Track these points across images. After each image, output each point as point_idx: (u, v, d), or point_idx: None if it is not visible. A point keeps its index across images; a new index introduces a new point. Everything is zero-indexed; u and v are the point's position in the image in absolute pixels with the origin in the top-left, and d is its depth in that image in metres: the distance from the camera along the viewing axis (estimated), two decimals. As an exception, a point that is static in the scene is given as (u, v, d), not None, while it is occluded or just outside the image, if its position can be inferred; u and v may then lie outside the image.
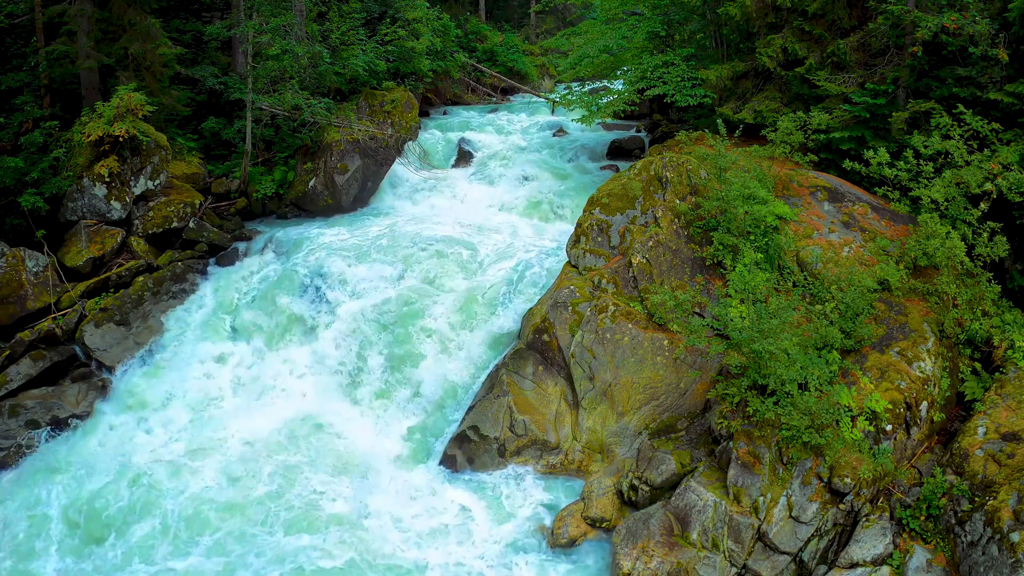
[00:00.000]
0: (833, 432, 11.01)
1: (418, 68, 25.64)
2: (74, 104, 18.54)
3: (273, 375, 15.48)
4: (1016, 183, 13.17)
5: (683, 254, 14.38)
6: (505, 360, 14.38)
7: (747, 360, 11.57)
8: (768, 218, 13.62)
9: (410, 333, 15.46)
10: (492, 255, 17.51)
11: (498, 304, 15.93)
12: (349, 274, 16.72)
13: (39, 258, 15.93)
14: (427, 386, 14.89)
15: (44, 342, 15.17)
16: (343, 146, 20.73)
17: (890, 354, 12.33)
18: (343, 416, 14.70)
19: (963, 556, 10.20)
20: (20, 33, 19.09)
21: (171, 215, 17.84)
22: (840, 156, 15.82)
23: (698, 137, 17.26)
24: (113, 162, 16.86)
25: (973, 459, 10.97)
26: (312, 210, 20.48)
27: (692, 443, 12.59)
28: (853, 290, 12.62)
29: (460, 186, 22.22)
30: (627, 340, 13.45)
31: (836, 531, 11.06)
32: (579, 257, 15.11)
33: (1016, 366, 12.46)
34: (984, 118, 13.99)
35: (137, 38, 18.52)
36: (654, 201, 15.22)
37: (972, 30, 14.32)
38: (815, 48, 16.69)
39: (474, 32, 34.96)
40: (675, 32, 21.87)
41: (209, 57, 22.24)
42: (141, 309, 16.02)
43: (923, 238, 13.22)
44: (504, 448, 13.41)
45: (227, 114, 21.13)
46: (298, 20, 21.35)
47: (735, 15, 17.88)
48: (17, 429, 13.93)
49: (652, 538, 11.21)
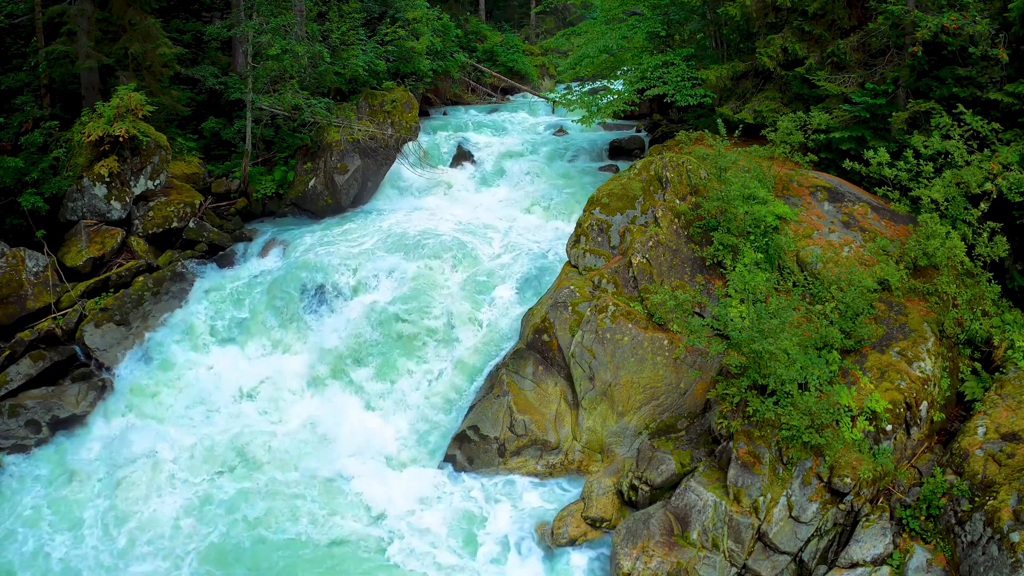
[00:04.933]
0: (833, 432, 11.01)
1: (418, 68, 25.64)
2: (74, 104, 18.54)
3: (272, 373, 15.46)
4: (1016, 183, 13.16)
5: (683, 254, 14.38)
6: (505, 360, 14.38)
7: (747, 360, 11.58)
8: (768, 218, 13.62)
9: (410, 332, 15.47)
10: (492, 255, 17.52)
11: (498, 303, 15.93)
12: (349, 273, 16.72)
13: (39, 258, 15.93)
14: (427, 385, 14.89)
15: (44, 342, 15.17)
16: (343, 146, 20.72)
17: (890, 354, 12.33)
18: (343, 415, 14.69)
19: (963, 556, 10.20)
20: (20, 33, 19.09)
21: (171, 215, 17.84)
22: (840, 156, 15.82)
23: (698, 137, 17.26)
24: (113, 162, 16.87)
25: (973, 459, 10.97)
26: (312, 210, 20.48)
27: (692, 443, 12.59)
28: (853, 290, 12.62)
29: (460, 186, 22.23)
30: (627, 340, 13.45)
31: (836, 531, 11.06)
32: (579, 257, 15.11)
33: (1016, 366, 12.45)
34: (984, 118, 13.98)
35: (137, 38, 18.53)
36: (654, 201, 15.22)
37: (972, 30, 14.32)
38: (815, 48, 16.68)
39: (474, 32, 34.95)
40: (675, 32, 21.87)
41: (209, 57, 22.24)
42: (141, 309, 16.02)
43: (923, 238, 13.21)
44: (504, 448, 13.41)
45: (227, 114, 21.13)
46: (298, 20, 21.35)
47: (735, 15, 17.88)
48: (17, 429, 13.94)
49: (652, 538, 11.21)
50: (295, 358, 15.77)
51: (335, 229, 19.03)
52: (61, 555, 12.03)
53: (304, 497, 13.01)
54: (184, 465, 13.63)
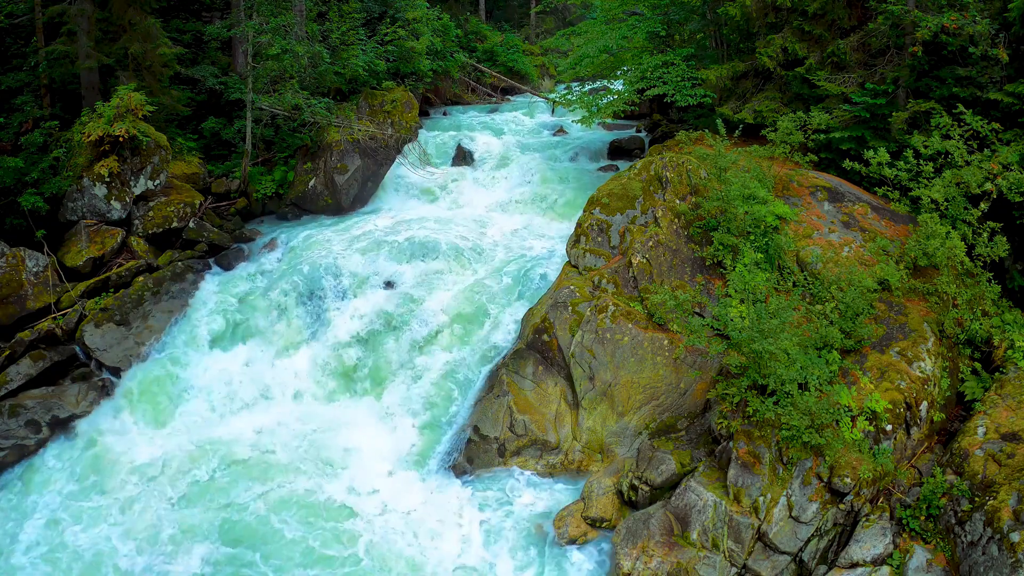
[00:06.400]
0: (833, 432, 11.01)
1: (418, 68, 25.65)
2: (74, 104, 18.54)
3: (273, 375, 15.46)
4: (1016, 183, 13.16)
5: (683, 254, 14.38)
6: (505, 360, 14.38)
7: (747, 360, 11.58)
8: (768, 218, 13.62)
9: (410, 332, 15.47)
10: (491, 254, 17.52)
11: (498, 303, 15.93)
12: (349, 273, 16.73)
13: (39, 258, 15.93)
14: (427, 385, 14.89)
15: (44, 342, 15.17)
16: (343, 146, 20.73)
17: (890, 354, 12.33)
18: (343, 415, 14.69)
19: (963, 556, 10.20)
20: (20, 33, 19.10)
21: (171, 215, 17.84)
22: (840, 156, 15.82)
23: (698, 137, 17.27)
24: (113, 162, 16.87)
25: (973, 459, 10.97)
26: (312, 210, 20.48)
27: (692, 443, 12.59)
28: (853, 290, 12.62)
29: (460, 186, 22.22)
30: (627, 340, 13.45)
31: (836, 531, 11.06)
32: (579, 257, 15.11)
33: (1016, 366, 12.46)
34: (984, 118, 13.98)
35: (137, 38, 18.53)
36: (654, 201, 15.22)
37: (972, 30, 14.32)
38: (815, 48, 16.69)
39: (474, 32, 34.96)
40: (675, 32, 21.88)
41: (209, 57, 22.25)
42: (141, 309, 16.01)
43: (923, 238, 13.21)
44: (504, 448, 13.41)
45: (227, 114, 21.14)
46: (298, 20, 21.37)
47: (735, 15, 17.89)
48: (17, 429, 13.94)
49: (652, 538, 11.21)
50: (295, 359, 15.76)
51: (335, 229, 19.02)
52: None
53: (299, 498, 13.02)
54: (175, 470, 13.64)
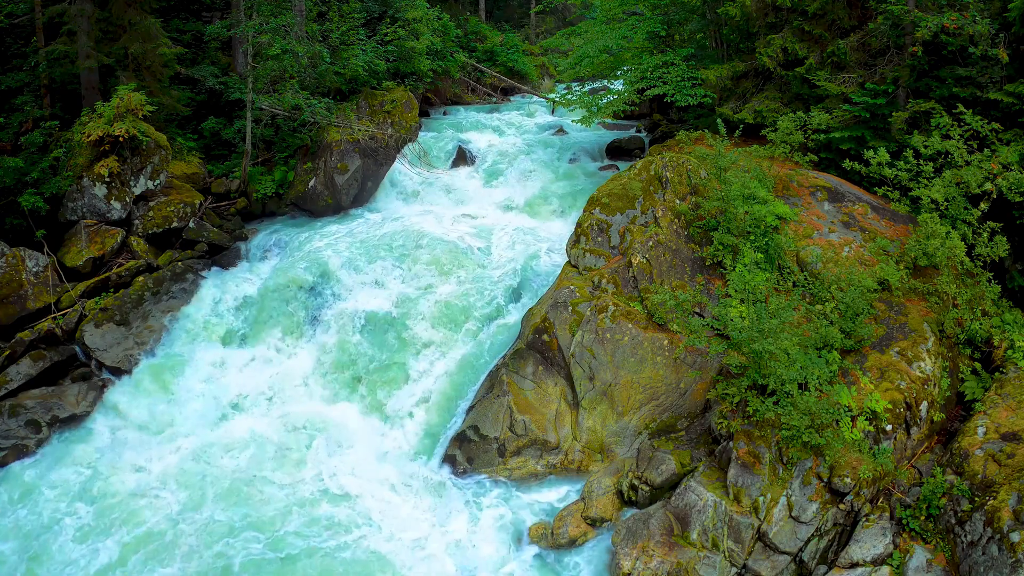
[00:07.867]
0: (833, 432, 11.01)
1: (418, 68, 25.65)
2: (74, 104, 18.53)
3: (273, 375, 15.46)
4: (1016, 183, 13.17)
5: (683, 254, 14.38)
6: (505, 360, 14.38)
7: (747, 360, 11.58)
8: (768, 218, 13.62)
9: (409, 332, 15.47)
10: (491, 254, 17.53)
11: (498, 303, 15.93)
12: (349, 273, 16.72)
13: (39, 258, 15.93)
14: (427, 385, 14.89)
15: (44, 342, 15.18)
16: (343, 146, 20.72)
17: (890, 354, 12.33)
18: (343, 415, 14.69)
19: (963, 556, 10.20)
20: (20, 33, 19.09)
21: (171, 215, 17.84)
22: (840, 156, 15.82)
23: (698, 137, 17.27)
24: (113, 162, 16.86)
25: (973, 459, 10.97)
26: (312, 210, 20.48)
27: (692, 443, 12.59)
28: (853, 290, 12.62)
29: (460, 186, 22.22)
30: (627, 340, 13.45)
31: (836, 531, 11.06)
32: (579, 257, 15.11)
33: (1016, 366, 12.46)
34: (984, 118, 13.99)
35: (137, 38, 18.52)
36: (654, 201, 15.22)
37: (972, 30, 14.33)
38: (815, 48, 16.69)
39: (474, 32, 34.98)
40: (675, 32, 21.89)
41: (209, 57, 22.25)
42: (141, 309, 16.02)
43: (923, 238, 13.22)
44: (504, 448, 13.41)
45: (227, 114, 21.13)
46: (298, 20, 21.36)
47: (735, 15, 17.90)
48: (17, 429, 13.94)
49: (652, 538, 11.21)
50: (295, 359, 15.75)
51: (335, 229, 19.02)
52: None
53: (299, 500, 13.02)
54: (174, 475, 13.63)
